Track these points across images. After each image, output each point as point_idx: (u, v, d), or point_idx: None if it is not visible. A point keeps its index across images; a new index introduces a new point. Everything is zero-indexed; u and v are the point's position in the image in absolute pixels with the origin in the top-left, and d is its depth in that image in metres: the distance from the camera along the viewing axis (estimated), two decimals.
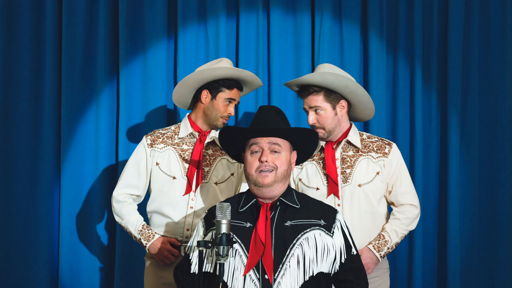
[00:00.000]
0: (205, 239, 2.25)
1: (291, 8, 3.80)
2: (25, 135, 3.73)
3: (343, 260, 2.21)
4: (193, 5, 3.77)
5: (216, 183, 2.84)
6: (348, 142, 2.75)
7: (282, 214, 2.22)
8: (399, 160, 2.76)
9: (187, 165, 2.82)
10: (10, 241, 3.70)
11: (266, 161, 2.20)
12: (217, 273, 2.09)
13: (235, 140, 2.32)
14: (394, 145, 2.77)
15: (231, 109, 2.84)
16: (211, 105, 2.85)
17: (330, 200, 2.66)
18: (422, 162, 3.75)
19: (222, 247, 2.04)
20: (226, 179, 2.87)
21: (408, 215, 2.72)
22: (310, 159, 2.77)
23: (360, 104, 2.80)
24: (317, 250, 2.16)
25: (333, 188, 2.66)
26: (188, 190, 2.79)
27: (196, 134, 2.86)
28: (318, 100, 2.69)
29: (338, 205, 2.65)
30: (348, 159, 2.71)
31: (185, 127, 2.89)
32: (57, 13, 3.76)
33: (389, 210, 2.84)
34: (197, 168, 2.81)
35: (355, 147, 2.74)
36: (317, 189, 2.70)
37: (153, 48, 3.72)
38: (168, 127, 2.97)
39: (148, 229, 2.80)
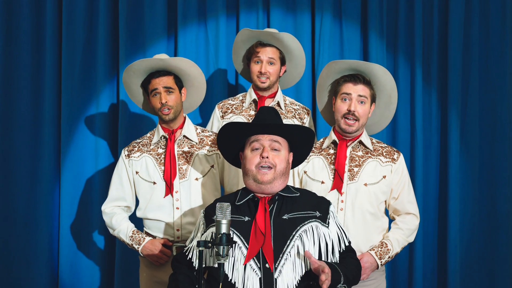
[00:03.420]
0: (203, 237, 2.27)
1: (291, 8, 3.80)
2: (25, 135, 3.73)
3: (341, 250, 2.27)
4: (193, 5, 3.77)
5: (196, 179, 2.87)
6: (360, 143, 2.76)
7: (279, 208, 2.27)
8: (405, 169, 2.78)
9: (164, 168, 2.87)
10: (10, 241, 3.71)
11: (267, 157, 2.25)
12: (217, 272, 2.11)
13: (234, 138, 2.34)
14: (401, 155, 2.80)
15: (162, 101, 2.81)
16: (151, 103, 2.89)
17: (334, 196, 2.67)
18: (422, 162, 3.75)
19: (222, 247, 2.05)
20: (206, 173, 2.89)
21: (410, 226, 2.73)
22: (317, 153, 2.78)
23: (382, 116, 2.86)
24: (314, 242, 2.22)
25: (337, 184, 2.67)
26: (167, 191, 2.82)
27: (167, 135, 2.89)
28: (368, 92, 2.71)
29: (342, 201, 2.65)
30: (357, 158, 2.73)
31: (157, 132, 2.93)
32: (57, 13, 3.76)
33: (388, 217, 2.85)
34: (173, 168, 2.84)
35: (366, 148, 2.76)
36: (322, 182, 2.71)
37: (153, 48, 3.72)
38: (144, 136, 3.00)
39: (138, 234, 2.84)
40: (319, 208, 2.30)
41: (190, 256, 2.27)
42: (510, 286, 3.75)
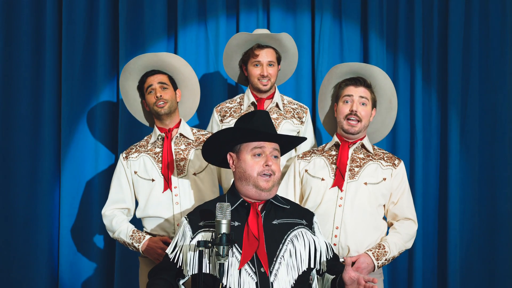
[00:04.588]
0: (192, 243, 2.25)
1: (291, 8, 3.80)
2: (25, 135, 3.73)
3: (329, 257, 2.31)
4: (193, 5, 3.77)
5: (194, 174, 2.89)
6: (362, 146, 2.79)
7: (268, 213, 2.30)
8: (405, 176, 2.80)
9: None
10: (10, 241, 3.71)
11: (271, 165, 2.27)
12: (217, 274, 2.13)
13: (229, 140, 2.34)
14: (402, 162, 2.82)
15: (157, 95, 2.88)
16: (147, 103, 2.95)
17: (333, 193, 2.68)
18: (422, 162, 3.75)
19: (222, 247, 2.05)
20: (204, 168, 2.91)
21: (409, 231, 2.73)
22: (319, 154, 2.80)
23: (383, 123, 2.89)
24: (305, 246, 2.25)
25: (339, 181, 2.69)
26: (166, 187, 2.85)
27: (163, 134, 2.92)
28: (369, 95, 2.76)
29: (341, 198, 2.66)
30: (358, 160, 2.76)
31: (154, 133, 2.97)
32: (57, 13, 3.76)
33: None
34: (170, 164, 2.86)
35: (367, 151, 2.78)
36: (322, 179, 2.73)
37: (153, 48, 3.72)
38: (140, 140, 3.03)
39: (138, 233, 2.85)
40: (304, 217, 2.35)
41: (180, 263, 2.23)
42: (510, 286, 3.74)
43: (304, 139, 2.48)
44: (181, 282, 2.27)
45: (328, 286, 2.28)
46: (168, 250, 2.29)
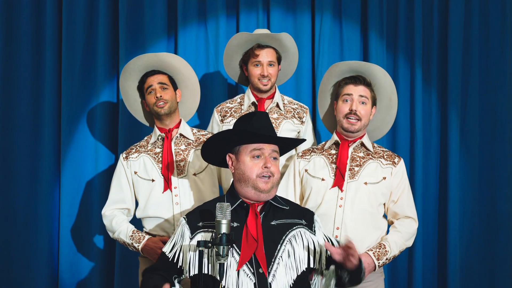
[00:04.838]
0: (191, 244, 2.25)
1: (291, 8, 3.80)
2: (25, 135, 3.73)
3: (328, 256, 2.29)
4: (193, 5, 3.77)
5: (194, 174, 2.89)
6: (362, 144, 2.79)
7: (267, 214, 2.30)
8: (405, 174, 2.80)
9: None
10: (10, 241, 3.71)
11: (270, 167, 2.27)
12: (216, 274, 2.13)
13: (229, 142, 2.34)
14: (402, 160, 2.82)
15: (157, 96, 2.88)
16: (147, 103, 2.95)
17: (333, 193, 2.68)
18: (422, 162, 3.75)
19: (222, 247, 2.05)
20: (204, 169, 2.92)
21: (409, 229, 2.73)
22: (319, 153, 2.80)
23: (383, 121, 2.89)
24: (303, 246, 2.25)
25: (339, 181, 2.69)
26: (166, 187, 2.85)
27: (163, 135, 2.93)
28: (369, 93, 2.75)
29: (341, 198, 2.67)
30: (358, 159, 2.76)
31: (154, 134, 2.98)
32: (57, 13, 3.76)
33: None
34: (170, 164, 2.86)
35: (367, 150, 2.78)
36: (322, 179, 2.73)
37: (153, 48, 3.72)
38: (141, 140, 3.03)
39: (138, 233, 2.85)
40: (304, 217, 2.34)
41: (180, 263, 2.22)
42: (510, 286, 3.75)
43: (303, 140, 2.48)
44: (177, 280, 2.27)
45: (333, 276, 2.27)
46: (165, 250, 2.28)
